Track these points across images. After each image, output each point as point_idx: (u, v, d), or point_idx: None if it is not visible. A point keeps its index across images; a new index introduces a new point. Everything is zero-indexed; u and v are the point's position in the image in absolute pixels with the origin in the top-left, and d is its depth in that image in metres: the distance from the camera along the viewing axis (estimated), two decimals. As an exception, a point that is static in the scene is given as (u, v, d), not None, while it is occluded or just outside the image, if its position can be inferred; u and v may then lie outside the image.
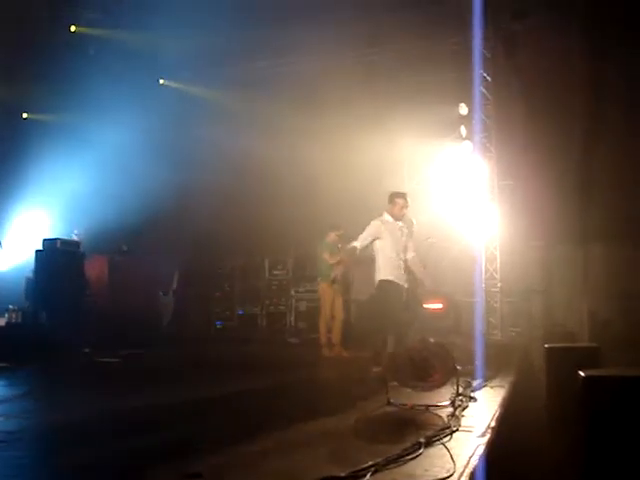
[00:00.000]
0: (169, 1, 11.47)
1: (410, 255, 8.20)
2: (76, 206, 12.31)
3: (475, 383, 7.48)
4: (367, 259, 11.16)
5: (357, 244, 8.06)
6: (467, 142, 11.88)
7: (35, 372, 8.83)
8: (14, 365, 8.75)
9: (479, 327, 7.98)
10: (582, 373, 5.01)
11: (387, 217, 8.18)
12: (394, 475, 4.05)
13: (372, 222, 8.16)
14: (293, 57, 12.74)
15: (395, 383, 7.44)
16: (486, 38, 10.77)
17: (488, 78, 11.83)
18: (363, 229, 8.11)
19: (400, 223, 8.15)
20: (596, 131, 10.94)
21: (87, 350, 10.28)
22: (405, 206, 8.14)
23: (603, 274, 10.26)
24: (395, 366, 7.86)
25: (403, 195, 8.21)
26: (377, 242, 8.07)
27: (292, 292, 13.19)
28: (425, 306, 10.09)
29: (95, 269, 12.05)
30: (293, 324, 13.13)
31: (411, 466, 4.23)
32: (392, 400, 6.83)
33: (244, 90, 13.35)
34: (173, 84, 14.27)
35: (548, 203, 10.37)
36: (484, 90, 11.53)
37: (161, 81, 14.31)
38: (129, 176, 12.28)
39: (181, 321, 13.20)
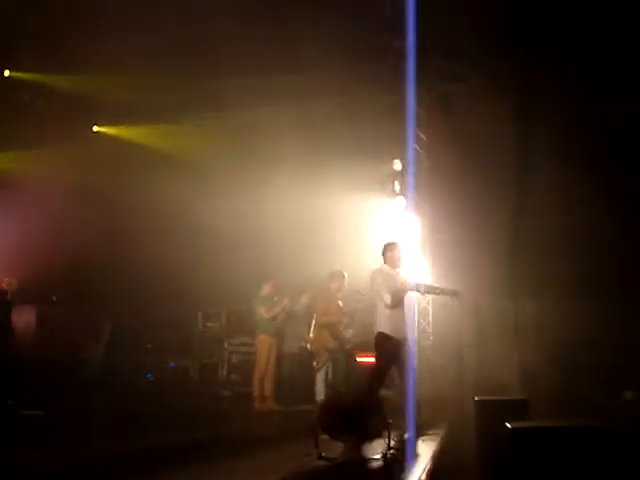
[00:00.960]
0: (105, 46, 11.45)
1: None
2: (5, 253, 12.05)
3: (406, 436, 7.48)
4: (298, 313, 11.23)
5: (388, 299, 7.93)
6: (400, 197, 12.05)
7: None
8: None
9: (411, 381, 7.97)
10: (509, 425, 5.06)
11: (386, 267, 8.18)
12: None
13: (384, 271, 8.10)
14: (227, 106, 12.76)
15: (326, 436, 7.39)
16: (421, 97, 11.00)
17: (423, 136, 12.06)
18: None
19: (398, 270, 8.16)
20: (524, 196, 11.24)
21: (10, 402, 9.99)
22: (401, 254, 8.17)
23: (533, 327, 10.44)
24: (327, 419, 7.82)
25: (397, 244, 8.25)
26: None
27: (225, 344, 13.05)
28: (358, 360, 10.11)
29: (22, 319, 11.77)
30: (225, 377, 12.96)
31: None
32: (323, 454, 6.78)
33: (179, 138, 13.36)
34: (108, 130, 14.14)
35: (480, 260, 10.55)
36: (418, 148, 11.77)
37: (95, 128, 14.14)
38: (61, 224, 12.11)
39: (111, 372, 12.92)
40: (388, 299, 7.83)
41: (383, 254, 8.27)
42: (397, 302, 7.92)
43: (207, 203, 12.63)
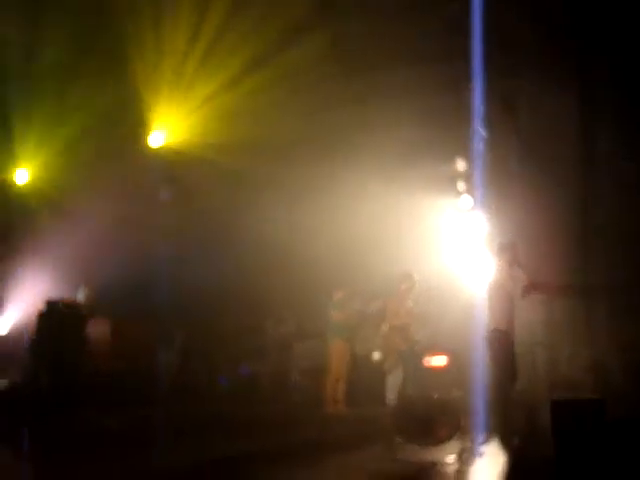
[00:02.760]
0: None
1: None
2: (79, 268, 12.37)
3: (480, 438, 7.44)
4: (370, 316, 11.28)
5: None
6: (466, 196, 11.95)
7: (32, 435, 8.75)
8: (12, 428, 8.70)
9: (482, 381, 7.94)
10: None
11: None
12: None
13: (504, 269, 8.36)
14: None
15: (400, 439, 7.42)
16: (484, 96, 10.94)
17: (485, 135, 11.94)
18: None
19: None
20: (591, 193, 11.09)
21: (88, 412, 10.24)
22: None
23: (606, 326, 10.25)
24: (400, 422, 7.85)
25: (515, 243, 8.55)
26: None
27: (296, 349, 13.12)
28: (428, 361, 10.10)
29: (97, 331, 12.03)
30: (296, 381, 13.03)
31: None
32: (399, 456, 6.81)
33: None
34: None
35: (549, 257, 10.41)
36: (482, 146, 11.65)
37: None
38: (135, 235, 12.41)
39: (185, 381, 13.12)
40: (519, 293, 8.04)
41: (500, 253, 8.34)
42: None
43: (274, 211, 12.80)
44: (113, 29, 12.06)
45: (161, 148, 13.45)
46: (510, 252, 8.40)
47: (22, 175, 13.37)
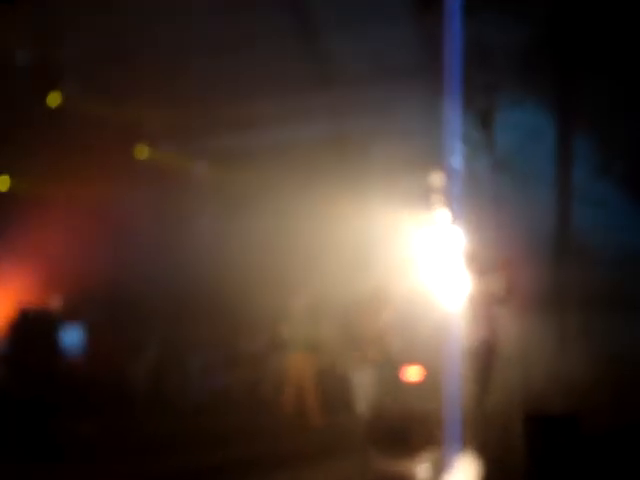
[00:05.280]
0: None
1: None
2: (53, 273, 12.26)
3: (454, 450, 7.47)
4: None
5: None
6: (441, 211, 12.00)
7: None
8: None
9: (458, 393, 7.98)
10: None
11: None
12: None
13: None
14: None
15: (374, 451, 7.43)
16: (459, 111, 11.00)
17: (460, 149, 12.00)
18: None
19: None
20: (566, 211, 11.22)
21: (60, 419, 10.16)
22: None
23: (580, 339, 10.34)
24: (374, 434, 7.86)
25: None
26: None
27: (270, 362, 13.06)
28: (403, 373, 10.10)
29: (68, 338, 11.92)
30: (269, 393, 12.97)
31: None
32: (372, 468, 6.82)
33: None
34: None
35: (522, 273, 10.50)
36: (457, 161, 11.70)
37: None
38: (111, 240, 12.36)
39: (156, 391, 13.03)
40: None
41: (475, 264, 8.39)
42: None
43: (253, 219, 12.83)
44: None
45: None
46: (484, 261, 8.42)
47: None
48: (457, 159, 11.41)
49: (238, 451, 8.03)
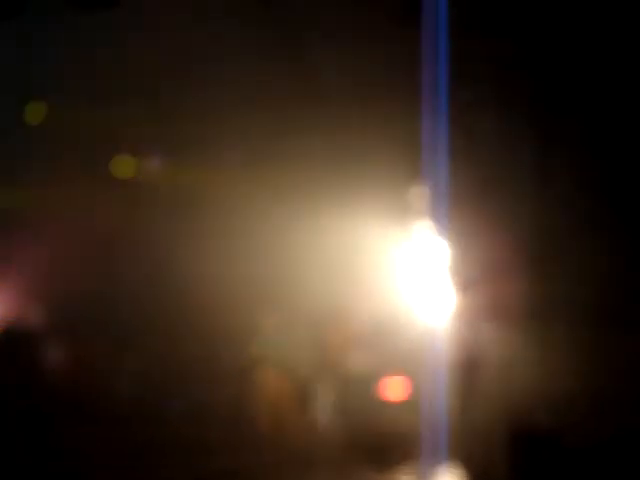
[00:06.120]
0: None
1: None
2: (32, 286, 12.14)
3: (437, 465, 7.43)
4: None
5: None
6: (423, 222, 11.98)
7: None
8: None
9: (440, 408, 7.94)
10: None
11: None
12: None
13: None
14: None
15: (356, 464, 7.36)
16: (443, 124, 11.04)
17: (444, 163, 12.02)
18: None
19: None
20: (543, 220, 11.26)
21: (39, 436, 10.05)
22: None
23: (561, 353, 10.34)
24: (348, 449, 7.80)
25: None
26: None
27: (248, 376, 12.96)
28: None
29: (45, 352, 11.81)
30: (243, 407, 12.86)
31: None
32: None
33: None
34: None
35: (505, 286, 10.51)
36: (442, 177, 11.73)
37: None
38: (88, 252, 12.24)
39: (136, 405, 12.90)
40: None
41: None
42: None
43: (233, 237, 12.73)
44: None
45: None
46: (468, 275, 8.44)
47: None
48: (441, 173, 11.46)
49: (222, 461, 7.97)
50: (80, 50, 12.50)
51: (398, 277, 11.35)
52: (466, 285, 8.77)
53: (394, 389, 9.87)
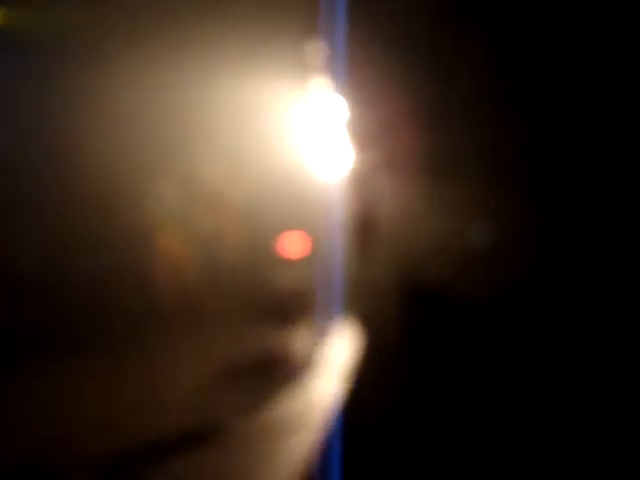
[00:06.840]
0: None
1: None
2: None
3: (332, 322, 7.65)
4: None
5: None
6: (321, 80, 11.82)
7: None
8: None
9: (337, 264, 8.10)
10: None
11: None
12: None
13: None
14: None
15: (256, 322, 7.50)
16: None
17: (343, 10, 11.76)
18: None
19: None
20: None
21: None
22: None
23: (455, 208, 10.57)
24: (254, 307, 7.93)
25: None
26: None
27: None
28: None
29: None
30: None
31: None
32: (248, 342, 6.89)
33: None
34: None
35: (402, 139, 10.57)
36: (342, 29, 11.48)
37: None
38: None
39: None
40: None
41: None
42: None
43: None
44: None
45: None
46: (365, 132, 8.41)
47: None
48: (338, 30, 11.23)
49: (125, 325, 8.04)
50: None
51: (296, 135, 11.27)
52: (362, 142, 8.74)
53: (293, 246, 9.96)
